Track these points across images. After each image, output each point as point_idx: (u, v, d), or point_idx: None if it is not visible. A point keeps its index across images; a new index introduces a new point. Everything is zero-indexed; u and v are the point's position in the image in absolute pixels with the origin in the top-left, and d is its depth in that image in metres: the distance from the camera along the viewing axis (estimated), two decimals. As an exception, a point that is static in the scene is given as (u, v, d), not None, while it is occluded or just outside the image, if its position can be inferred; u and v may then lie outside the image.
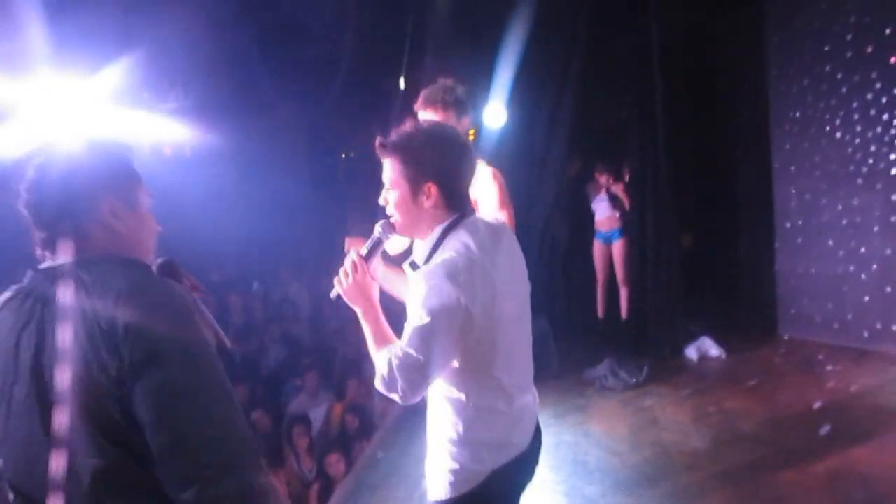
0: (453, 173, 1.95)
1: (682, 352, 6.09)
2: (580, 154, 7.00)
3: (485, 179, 2.94)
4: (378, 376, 1.89)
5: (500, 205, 2.96)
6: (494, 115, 5.73)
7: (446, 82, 2.98)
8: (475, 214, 2.02)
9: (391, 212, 1.98)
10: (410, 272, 1.99)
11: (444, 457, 1.97)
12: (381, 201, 1.99)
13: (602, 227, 6.76)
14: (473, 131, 5.15)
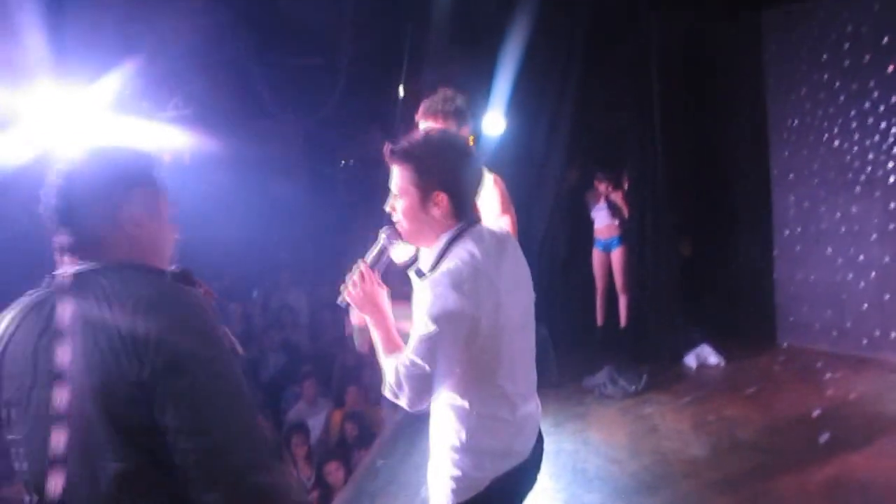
0: (463, 183, 1.97)
1: (681, 359, 6.09)
2: (579, 162, 7.02)
3: (486, 185, 2.96)
4: (386, 384, 1.91)
5: (501, 210, 2.98)
6: (493, 123, 5.75)
7: (446, 92, 3.00)
8: (480, 223, 2.03)
9: (397, 219, 1.98)
10: (416, 280, 1.99)
11: (446, 464, 1.98)
12: (387, 208, 2.00)
13: (601, 235, 6.77)
14: (473, 139, 5.16)
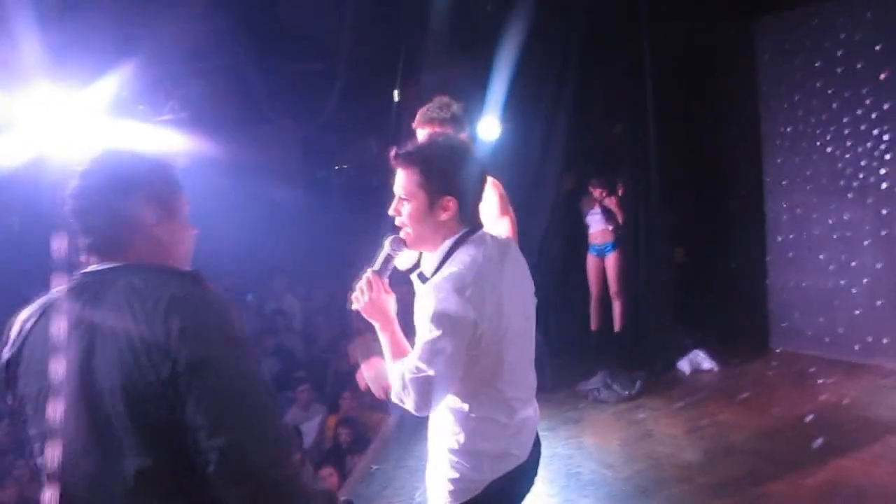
0: (470, 188, 2.00)
1: (674, 365, 6.10)
2: (574, 168, 7.03)
3: (485, 189, 2.98)
4: (393, 389, 1.93)
5: (500, 212, 3.00)
6: (489, 129, 5.76)
7: (442, 99, 3.03)
8: (483, 229, 2.05)
9: (402, 222, 1.99)
10: (419, 284, 2.01)
11: (445, 466, 2.00)
12: (391, 212, 2.01)
13: (595, 241, 6.78)
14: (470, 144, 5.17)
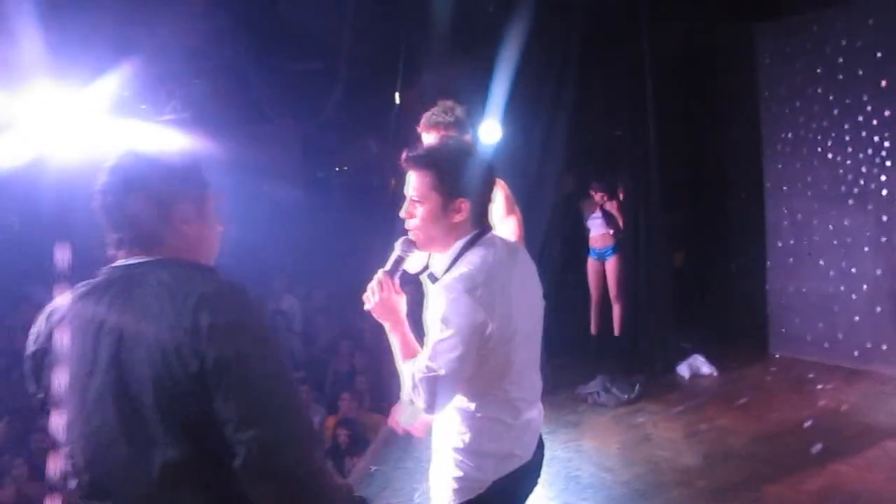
0: (483, 191, 2.02)
1: (674, 369, 6.11)
2: (574, 168, 7.04)
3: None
4: (403, 388, 1.95)
5: (507, 212, 3.07)
6: (489, 131, 5.75)
7: (446, 103, 3.09)
8: (493, 231, 2.07)
9: (414, 224, 2.01)
10: (429, 285, 2.03)
11: (449, 465, 2.01)
12: (402, 214, 2.03)
13: (596, 245, 6.79)
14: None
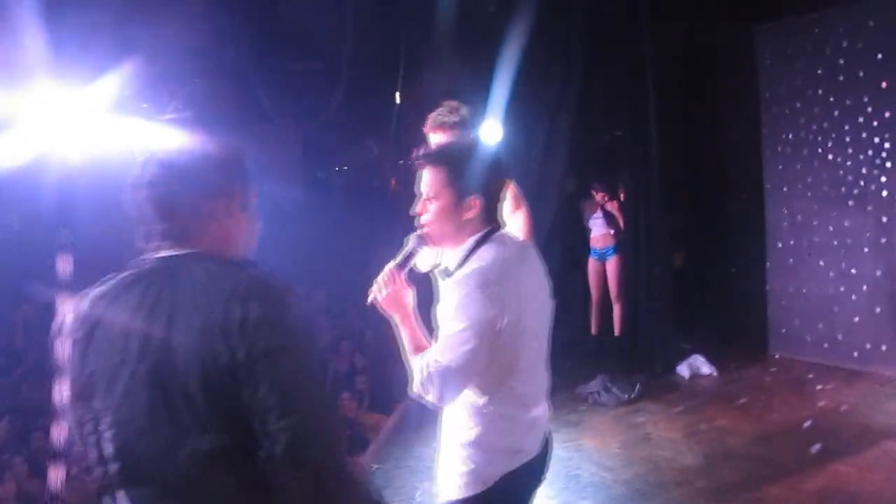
0: (495, 189, 2.05)
1: (674, 369, 6.12)
2: (574, 168, 7.05)
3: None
4: (414, 382, 1.96)
5: (514, 207, 3.15)
6: (490, 131, 5.75)
7: (451, 104, 3.16)
8: (503, 230, 2.10)
9: (427, 220, 2.03)
10: (441, 280, 2.05)
11: (456, 459, 2.03)
12: (415, 211, 2.06)
13: (597, 245, 6.81)
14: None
